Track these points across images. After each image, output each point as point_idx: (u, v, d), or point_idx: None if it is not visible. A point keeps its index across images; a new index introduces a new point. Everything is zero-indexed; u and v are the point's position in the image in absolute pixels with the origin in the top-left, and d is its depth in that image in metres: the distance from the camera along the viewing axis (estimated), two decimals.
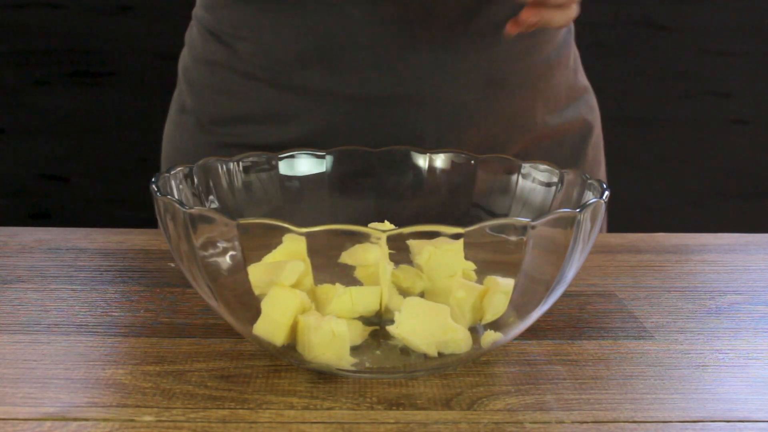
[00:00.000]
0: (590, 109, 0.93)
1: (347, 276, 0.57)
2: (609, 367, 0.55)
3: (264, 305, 0.52)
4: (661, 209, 1.97)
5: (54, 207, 1.92)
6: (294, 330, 0.52)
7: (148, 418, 0.48)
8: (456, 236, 0.48)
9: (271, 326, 0.51)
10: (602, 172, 0.96)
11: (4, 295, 0.65)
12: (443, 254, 0.55)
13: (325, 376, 0.53)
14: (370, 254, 0.55)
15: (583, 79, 0.93)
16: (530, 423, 0.49)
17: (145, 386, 0.52)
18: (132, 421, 0.48)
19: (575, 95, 0.90)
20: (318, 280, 0.54)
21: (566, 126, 0.88)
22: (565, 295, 0.66)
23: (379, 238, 0.47)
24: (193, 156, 0.89)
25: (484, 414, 0.49)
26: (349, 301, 0.53)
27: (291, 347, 0.52)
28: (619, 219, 1.07)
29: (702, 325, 0.62)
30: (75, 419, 0.48)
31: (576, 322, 0.62)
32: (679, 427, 0.49)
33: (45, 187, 1.91)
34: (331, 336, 0.50)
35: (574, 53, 0.92)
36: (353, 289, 0.54)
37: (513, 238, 0.49)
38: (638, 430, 0.48)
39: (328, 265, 0.56)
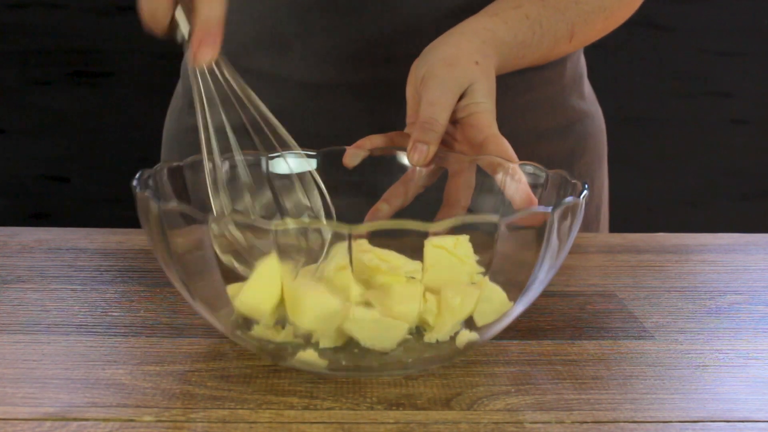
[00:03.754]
0: (581, 138, 0.89)
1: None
2: (609, 367, 0.55)
3: (251, 278, 0.52)
4: (661, 209, 1.97)
5: (54, 207, 1.92)
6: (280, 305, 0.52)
7: (148, 418, 0.48)
8: (423, 233, 0.48)
9: (257, 295, 0.51)
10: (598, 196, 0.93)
11: (4, 295, 0.65)
12: (445, 257, 0.55)
13: (325, 376, 0.53)
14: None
15: (581, 103, 0.89)
16: (530, 423, 0.49)
17: (145, 386, 0.52)
18: (132, 421, 0.48)
19: (567, 119, 0.87)
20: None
21: (550, 148, 0.86)
22: (564, 295, 0.66)
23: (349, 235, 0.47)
24: (174, 136, 0.91)
25: (484, 414, 0.49)
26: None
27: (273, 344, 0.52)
28: (619, 219, 1.08)
29: (702, 325, 0.62)
30: (75, 419, 0.48)
31: (576, 322, 0.62)
32: (679, 427, 0.49)
33: (45, 187, 1.91)
34: (323, 305, 0.50)
35: (573, 73, 0.88)
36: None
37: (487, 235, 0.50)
38: (638, 430, 0.48)
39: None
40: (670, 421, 0.49)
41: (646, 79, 1.91)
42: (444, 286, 0.54)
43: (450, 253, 0.54)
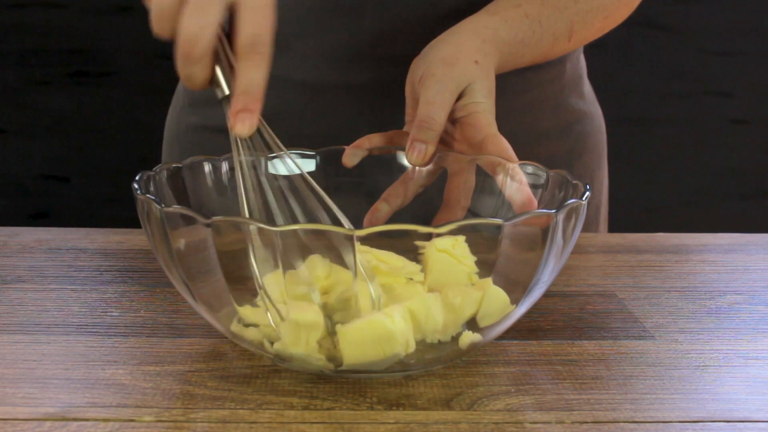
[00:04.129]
0: (580, 138, 0.89)
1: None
2: (609, 367, 0.55)
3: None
4: (661, 209, 1.97)
5: (54, 207, 1.92)
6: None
7: (148, 418, 0.48)
8: (428, 236, 0.48)
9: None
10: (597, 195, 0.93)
11: (4, 295, 0.65)
12: (445, 258, 0.55)
13: (325, 376, 0.53)
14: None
15: (580, 103, 0.89)
16: (530, 423, 0.49)
17: (145, 386, 0.52)
18: (132, 421, 0.48)
19: (566, 118, 0.87)
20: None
21: (549, 148, 0.86)
22: (565, 295, 0.66)
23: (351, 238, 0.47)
24: (174, 135, 0.91)
25: (484, 414, 0.49)
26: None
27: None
28: (619, 219, 1.08)
29: (702, 325, 0.62)
30: (75, 419, 0.48)
31: (576, 322, 0.62)
32: (679, 427, 0.49)
33: (45, 187, 1.91)
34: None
35: (572, 73, 0.88)
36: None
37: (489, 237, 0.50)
38: (638, 430, 0.48)
39: None
40: (670, 421, 0.49)
41: (645, 79, 1.91)
42: (444, 287, 0.54)
43: (449, 254, 0.54)
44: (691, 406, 0.51)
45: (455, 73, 0.64)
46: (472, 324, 0.53)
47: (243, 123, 0.53)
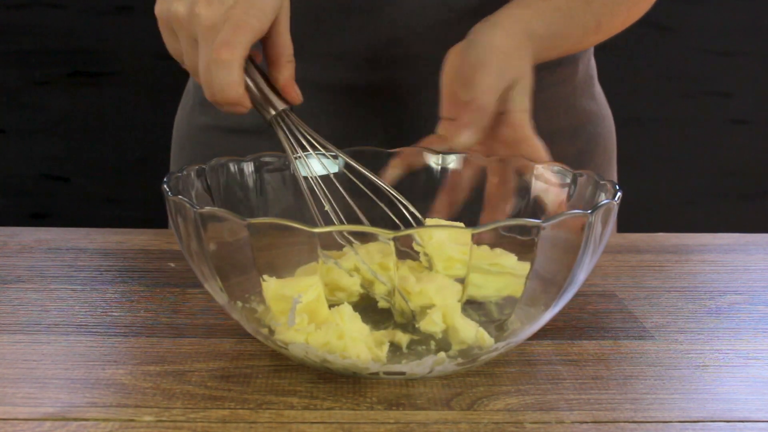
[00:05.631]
0: (591, 139, 0.89)
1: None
2: (609, 367, 0.55)
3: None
4: (661, 209, 1.97)
5: (54, 207, 1.92)
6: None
7: (148, 418, 0.48)
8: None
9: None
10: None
11: (4, 295, 0.65)
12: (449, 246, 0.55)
13: (325, 376, 0.53)
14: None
15: (591, 104, 0.89)
16: (530, 423, 0.49)
17: (145, 386, 0.52)
18: (132, 421, 0.48)
19: (578, 119, 0.87)
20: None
21: (560, 149, 0.86)
22: None
23: (389, 239, 0.47)
24: (185, 134, 0.91)
25: (484, 414, 0.49)
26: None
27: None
28: (619, 219, 1.08)
29: (702, 325, 0.62)
30: (75, 419, 0.48)
31: (576, 322, 0.62)
32: (679, 427, 0.49)
33: (45, 187, 1.91)
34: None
35: (584, 74, 0.88)
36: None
37: (524, 238, 0.50)
38: (638, 430, 0.48)
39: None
40: (670, 421, 0.49)
41: (645, 79, 1.91)
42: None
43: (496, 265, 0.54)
44: (691, 406, 0.51)
45: (511, 64, 0.64)
46: (499, 329, 0.53)
47: (296, 92, 0.61)
